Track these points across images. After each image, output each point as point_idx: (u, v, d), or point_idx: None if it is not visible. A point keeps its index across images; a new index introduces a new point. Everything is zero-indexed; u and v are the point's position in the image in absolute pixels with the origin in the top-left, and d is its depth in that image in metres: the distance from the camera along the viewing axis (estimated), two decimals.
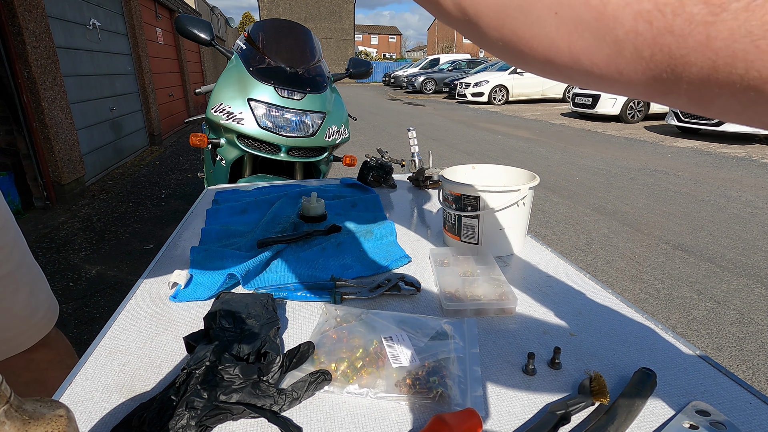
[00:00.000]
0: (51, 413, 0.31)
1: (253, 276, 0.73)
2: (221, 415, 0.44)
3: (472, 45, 37.55)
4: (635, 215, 3.45)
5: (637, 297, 2.25)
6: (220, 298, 0.61)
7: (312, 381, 0.48)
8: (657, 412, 0.46)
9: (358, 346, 0.54)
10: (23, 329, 0.79)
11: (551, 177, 4.61)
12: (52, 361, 0.86)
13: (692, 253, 2.75)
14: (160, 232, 3.11)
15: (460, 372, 0.50)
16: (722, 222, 3.28)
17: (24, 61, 3.22)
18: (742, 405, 0.47)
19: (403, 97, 16.10)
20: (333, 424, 0.44)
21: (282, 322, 0.62)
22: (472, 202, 0.81)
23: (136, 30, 5.72)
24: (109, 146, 4.75)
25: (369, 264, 0.78)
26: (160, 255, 0.83)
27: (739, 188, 4.16)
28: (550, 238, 3.02)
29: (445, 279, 0.70)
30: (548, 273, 0.77)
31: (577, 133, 7.64)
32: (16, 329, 0.78)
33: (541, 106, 12.18)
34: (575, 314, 0.64)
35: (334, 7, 29.82)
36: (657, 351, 0.56)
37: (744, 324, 2.00)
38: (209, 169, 1.80)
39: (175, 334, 0.59)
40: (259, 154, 1.51)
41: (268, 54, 1.58)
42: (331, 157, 1.78)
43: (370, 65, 1.99)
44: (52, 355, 0.86)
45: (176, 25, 1.65)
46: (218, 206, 1.07)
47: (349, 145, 6.36)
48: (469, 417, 0.40)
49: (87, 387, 0.49)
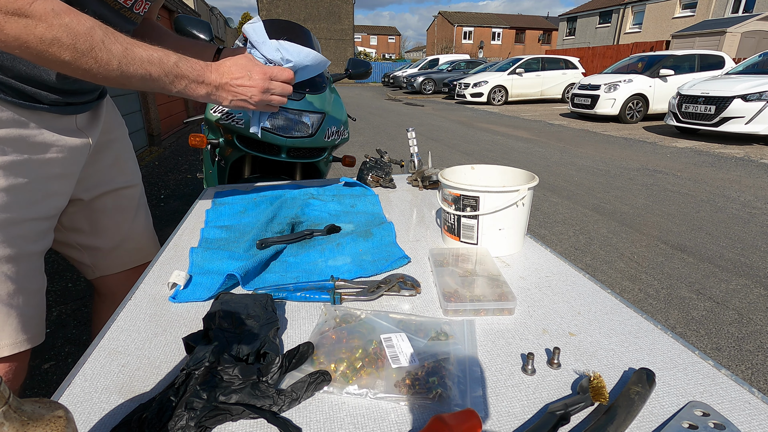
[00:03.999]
0: (50, 414, 0.31)
1: (253, 276, 0.73)
2: (220, 415, 0.44)
3: (472, 46, 37.55)
4: (634, 215, 3.45)
5: (636, 297, 2.25)
6: (219, 298, 0.61)
7: (311, 381, 0.48)
8: (656, 412, 0.46)
9: (358, 347, 0.54)
10: (151, 242, 1.09)
11: (550, 177, 4.61)
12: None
13: (691, 253, 2.75)
14: (160, 233, 3.09)
15: (459, 372, 0.50)
16: (721, 222, 3.29)
17: None
18: (742, 405, 0.47)
19: (402, 97, 16.10)
20: (332, 425, 0.44)
21: (281, 323, 0.62)
22: (472, 203, 0.81)
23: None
24: None
25: (368, 264, 0.78)
26: (159, 255, 0.83)
27: (737, 188, 4.16)
28: (549, 239, 3.02)
29: (444, 279, 0.70)
30: (547, 273, 0.77)
31: (576, 133, 7.65)
32: (148, 240, 1.08)
33: (540, 107, 12.19)
34: (574, 314, 0.64)
35: (333, 7, 29.83)
36: (656, 351, 0.56)
37: (743, 324, 2.01)
38: (208, 170, 1.80)
39: (174, 334, 0.59)
40: (259, 154, 1.51)
41: None
42: (331, 157, 1.78)
43: (369, 66, 1.99)
44: None
45: (175, 26, 1.65)
46: (217, 207, 1.07)
47: (349, 146, 6.36)
48: (469, 417, 0.40)
49: (86, 388, 0.49)
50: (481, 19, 38.67)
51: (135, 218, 1.03)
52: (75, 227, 0.93)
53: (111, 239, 0.98)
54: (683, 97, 6.82)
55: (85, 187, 0.90)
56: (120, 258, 1.02)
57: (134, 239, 1.03)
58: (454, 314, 0.64)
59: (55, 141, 0.76)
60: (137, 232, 1.04)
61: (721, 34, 15.22)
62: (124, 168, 0.99)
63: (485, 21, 38.35)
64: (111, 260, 1.01)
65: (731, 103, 6.12)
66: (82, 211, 0.92)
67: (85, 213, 0.93)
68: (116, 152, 0.97)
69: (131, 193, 1.01)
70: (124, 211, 1.00)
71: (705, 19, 17.84)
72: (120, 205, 0.98)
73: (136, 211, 1.03)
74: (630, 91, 8.46)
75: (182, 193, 4.05)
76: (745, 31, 15.06)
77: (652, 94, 8.54)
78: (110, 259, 1.00)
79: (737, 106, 6.08)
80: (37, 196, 0.74)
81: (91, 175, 0.90)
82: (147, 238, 1.08)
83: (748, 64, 7.01)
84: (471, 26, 37.80)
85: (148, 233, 1.09)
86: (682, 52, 8.80)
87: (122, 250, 1.01)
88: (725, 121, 6.22)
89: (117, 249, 1.00)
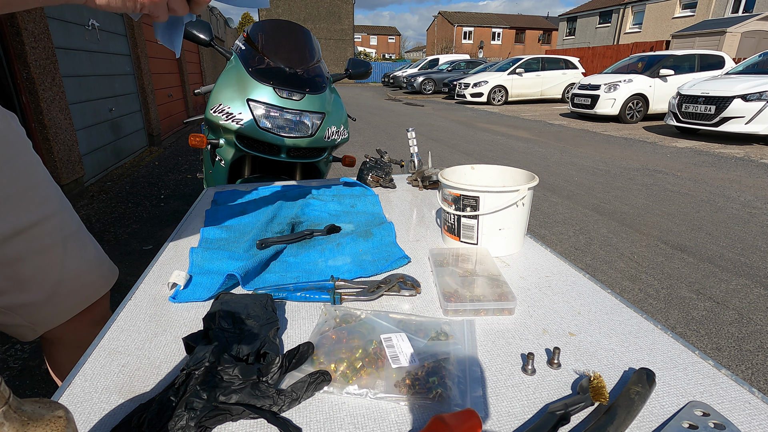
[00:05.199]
0: (50, 414, 0.31)
1: (253, 276, 0.73)
2: (221, 415, 0.44)
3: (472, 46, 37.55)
4: (634, 215, 3.45)
5: (636, 297, 2.25)
6: (219, 298, 0.61)
7: (311, 381, 0.48)
8: (656, 412, 0.46)
9: (358, 347, 0.54)
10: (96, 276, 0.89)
11: (550, 177, 4.61)
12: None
13: (691, 253, 2.75)
14: (160, 233, 3.11)
15: (459, 372, 0.50)
16: (721, 222, 3.29)
17: (23, 61, 3.22)
18: (742, 405, 0.47)
19: (402, 97, 16.10)
20: (332, 425, 0.44)
21: (281, 323, 0.62)
22: (472, 203, 0.81)
23: (135, 30, 5.72)
24: (108, 147, 4.74)
25: (368, 264, 0.78)
26: (159, 255, 0.83)
27: (737, 188, 4.16)
28: (549, 239, 3.02)
29: (444, 279, 0.70)
30: (547, 273, 0.77)
31: (576, 133, 7.65)
32: (91, 275, 0.88)
33: (540, 107, 12.19)
34: (574, 314, 0.64)
35: (333, 7, 29.82)
36: (656, 351, 0.56)
37: (743, 324, 2.01)
38: (208, 170, 1.80)
39: (174, 334, 0.59)
40: (259, 154, 1.51)
41: (267, 54, 1.58)
42: (331, 157, 1.78)
43: (369, 66, 1.99)
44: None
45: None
46: (217, 207, 1.07)
47: (349, 146, 6.36)
48: (469, 417, 0.40)
49: (86, 388, 0.49)
50: (481, 19, 38.67)
51: (66, 255, 0.82)
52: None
53: (41, 290, 0.79)
54: (683, 97, 6.82)
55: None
56: (59, 306, 0.83)
57: (71, 280, 0.83)
58: (454, 314, 0.64)
59: None
60: (73, 271, 0.83)
61: (721, 34, 15.22)
62: (29, 198, 0.76)
63: (485, 21, 38.35)
64: (49, 312, 0.82)
65: (731, 103, 6.12)
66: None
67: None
68: (11, 180, 0.73)
69: (49, 228, 0.79)
70: (47, 252, 0.79)
71: (705, 19, 17.84)
72: (37, 247, 0.77)
73: (64, 246, 0.81)
74: (630, 91, 8.46)
75: (182, 193, 4.05)
76: (745, 31, 15.06)
77: (652, 94, 8.54)
78: (47, 312, 0.82)
79: (737, 106, 6.08)
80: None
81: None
82: (89, 272, 0.87)
83: (748, 64, 7.01)
84: (471, 26, 37.80)
85: (90, 267, 0.88)
86: (682, 52, 8.79)
87: (59, 296, 0.82)
88: (725, 121, 6.22)
89: (53, 298, 0.81)
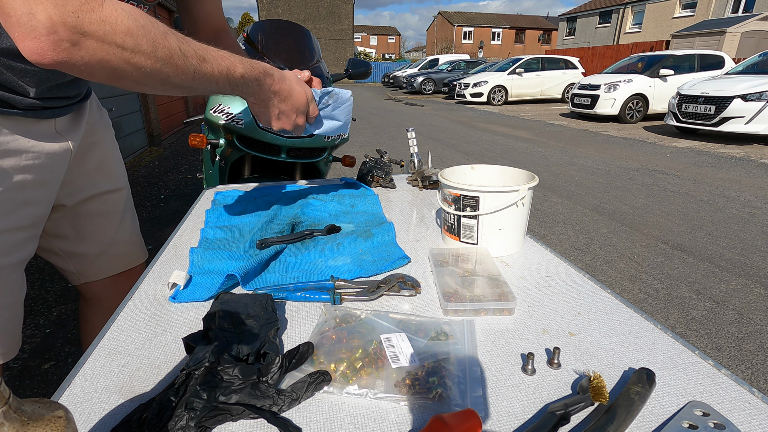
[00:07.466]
0: (50, 414, 0.31)
1: (253, 276, 0.73)
2: (220, 415, 0.44)
3: (472, 46, 37.56)
4: (634, 215, 3.45)
5: (636, 297, 2.25)
6: (219, 298, 0.61)
7: (311, 381, 0.48)
8: (656, 412, 0.46)
9: (358, 347, 0.54)
10: (138, 247, 1.07)
11: (550, 177, 4.61)
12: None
13: (691, 253, 2.75)
14: (160, 233, 3.11)
15: (459, 372, 0.50)
16: (721, 222, 3.29)
17: None
18: (742, 405, 0.47)
19: (402, 97, 16.10)
20: (332, 425, 0.44)
21: (281, 323, 0.62)
22: (471, 203, 0.81)
23: None
24: None
25: (368, 264, 0.78)
26: (159, 256, 0.83)
27: (737, 188, 4.16)
28: (549, 239, 3.02)
29: (444, 279, 0.70)
30: (547, 273, 0.77)
31: (576, 133, 7.65)
32: (134, 245, 1.06)
33: (540, 107, 12.19)
34: (574, 314, 0.64)
35: (333, 7, 29.82)
36: (656, 351, 0.56)
37: (743, 324, 2.01)
38: (208, 170, 1.80)
39: (174, 334, 0.59)
40: (259, 154, 1.51)
41: (267, 54, 1.58)
42: (331, 157, 1.78)
43: (369, 66, 1.99)
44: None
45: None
46: (217, 207, 1.07)
47: (349, 146, 6.36)
48: (469, 417, 0.40)
49: (86, 388, 0.49)
50: (481, 19, 38.69)
51: (121, 223, 1.00)
52: (59, 234, 0.90)
53: (96, 245, 0.96)
54: (683, 97, 6.82)
55: (68, 192, 0.87)
56: (106, 264, 1.00)
57: (120, 244, 1.01)
58: (454, 314, 0.64)
59: (31, 147, 0.72)
60: (123, 237, 1.01)
61: (721, 34, 15.22)
62: (110, 171, 0.96)
63: (485, 21, 38.37)
64: (96, 266, 0.98)
65: (731, 103, 6.12)
66: (65, 217, 0.90)
67: (69, 219, 0.90)
68: (101, 155, 0.94)
69: (117, 197, 0.98)
70: (110, 216, 0.97)
71: (705, 19, 17.84)
72: (105, 210, 0.96)
73: (122, 216, 1.00)
74: (630, 91, 8.46)
75: (182, 193, 4.05)
76: (745, 31, 15.06)
77: (652, 94, 8.54)
78: (96, 266, 0.98)
79: (737, 106, 6.08)
80: (10, 206, 0.71)
81: (74, 179, 0.87)
82: (133, 242, 1.05)
83: (747, 64, 7.01)
84: (471, 26, 37.82)
85: (135, 238, 1.06)
86: (681, 52, 8.80)
87: (108, 255, 0.99)
88: (725, 121, 6.22)
89: (102, 255, 0.98)
